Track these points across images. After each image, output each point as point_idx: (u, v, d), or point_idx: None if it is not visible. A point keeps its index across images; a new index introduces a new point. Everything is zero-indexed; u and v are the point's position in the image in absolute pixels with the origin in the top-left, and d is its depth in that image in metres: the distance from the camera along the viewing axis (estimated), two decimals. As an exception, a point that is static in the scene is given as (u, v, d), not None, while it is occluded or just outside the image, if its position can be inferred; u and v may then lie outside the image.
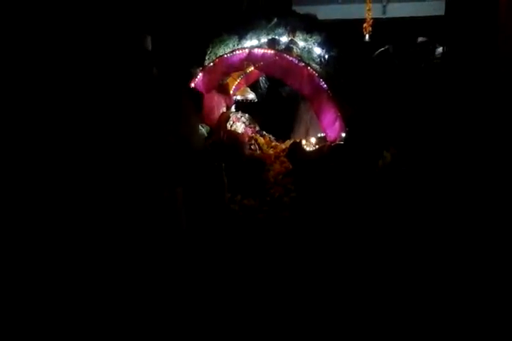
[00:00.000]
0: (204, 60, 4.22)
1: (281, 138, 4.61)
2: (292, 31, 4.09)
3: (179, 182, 2.73)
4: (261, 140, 4.38)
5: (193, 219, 3.10)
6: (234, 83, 4.77)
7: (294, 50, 4.02)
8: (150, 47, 3.10)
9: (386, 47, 4.62)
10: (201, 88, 4.19)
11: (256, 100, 4.87)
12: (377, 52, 4.63)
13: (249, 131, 4.52)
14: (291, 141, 4.18)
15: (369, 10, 5.56)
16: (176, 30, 4.66)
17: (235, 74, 4.61)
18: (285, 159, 4.02)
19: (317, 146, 4.06)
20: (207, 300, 2.79)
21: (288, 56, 3.92)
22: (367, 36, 5.52)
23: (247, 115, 4.65)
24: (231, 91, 4.75)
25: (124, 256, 2.54)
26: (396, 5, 6.85)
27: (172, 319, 2.59)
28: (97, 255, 2.56)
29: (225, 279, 3.01)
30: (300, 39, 4.06)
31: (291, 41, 4.07)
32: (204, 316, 2.67)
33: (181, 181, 2.74)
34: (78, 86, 2.87)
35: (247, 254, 3.23)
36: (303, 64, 3.87)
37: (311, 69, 3.84)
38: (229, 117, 4.49)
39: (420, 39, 4.71)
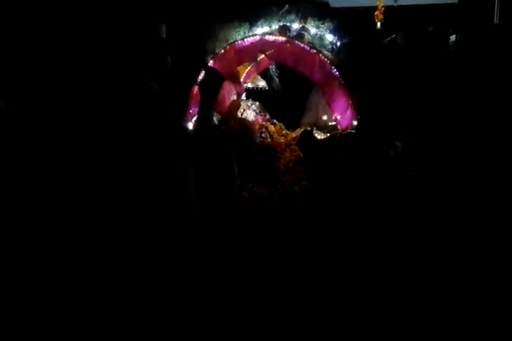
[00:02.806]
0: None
1: (291, 126, 4.59)
2: (304, 18, 4.05)
3: (189, 162, 2.72)
4: (272, 128, 4.36)
5: (204, 206, 3.09)
6: (244, 71, 4.73)
7: (306, 36, 3.99)
8: (164, 36, 3.07)
9: (393, 36, 4.58)
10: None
11: (267, 88, 4.84)
12: (385, 41, 4.59)
13: (260, 119, 4.50)
14: (302, 129, 4.15)
15: (381, -3, 5.49)
16: (188, 18, 4.63)
17: (245, 62, 4.58)
18: (296, 147, 4.01)
19: (328, 134, 4.04)
20: (213, 286, 2.79)
21: (299, 43, 3.89)
22: (379, 24, 5.46)
23: (257, 103, 4.63)
24: (242, 79, 4.72)
25: (135, 235, 2.53)
26: (408, -8, 6.73)
27: (178, 305, 2.60)
28: (106, 234, 2.56)
29: (232, 266, 3.01)
30: (312, 26, 4.03)
31: (303, 28, 4.04)
32: (210, 305, 2.68)
33: (191, 162, 2.73)
34: (92, 75, 2.88)
35: (257, 241, 3.23)
36: (314, 51, 3.83)
37: (323, 56, 3.81)
38: (240, 105, 4.48)
39: (431, 28, 4.64)
